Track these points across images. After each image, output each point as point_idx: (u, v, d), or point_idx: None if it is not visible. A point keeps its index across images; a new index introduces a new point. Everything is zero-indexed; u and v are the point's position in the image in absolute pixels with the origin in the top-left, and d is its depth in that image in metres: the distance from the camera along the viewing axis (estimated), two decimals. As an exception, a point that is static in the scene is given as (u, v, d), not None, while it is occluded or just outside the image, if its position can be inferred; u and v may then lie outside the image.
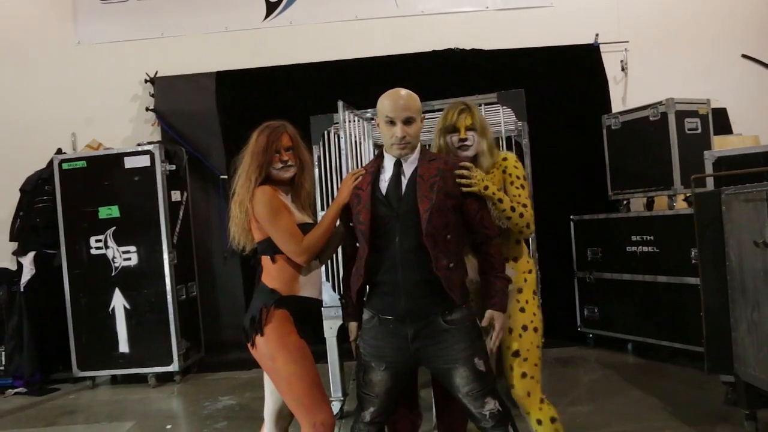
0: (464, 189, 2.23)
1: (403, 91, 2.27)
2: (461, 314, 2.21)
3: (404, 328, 2.18)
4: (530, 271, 2.51)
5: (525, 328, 2.38)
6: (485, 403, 2.15)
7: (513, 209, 2.38)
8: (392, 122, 2.22)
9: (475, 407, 2.17)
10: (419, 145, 2.30)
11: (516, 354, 2.38)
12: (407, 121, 2.21)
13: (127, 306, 4.99)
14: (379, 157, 2.37)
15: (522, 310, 2.42)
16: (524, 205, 2.41)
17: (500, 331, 2.25)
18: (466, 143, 2.46)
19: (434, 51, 5.67)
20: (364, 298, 2.31)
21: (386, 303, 2.21)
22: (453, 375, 2.18)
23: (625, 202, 5.02)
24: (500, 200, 2.35)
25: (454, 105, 2.53)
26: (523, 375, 2.32)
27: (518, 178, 2.46)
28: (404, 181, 2.24)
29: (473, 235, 2.31)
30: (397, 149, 2.24)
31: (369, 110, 4.21)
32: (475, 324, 2.23)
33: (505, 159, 2.51)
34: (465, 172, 2.26)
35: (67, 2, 6.00)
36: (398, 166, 2.26)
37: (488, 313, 2.26)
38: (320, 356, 3.53)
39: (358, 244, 2.31)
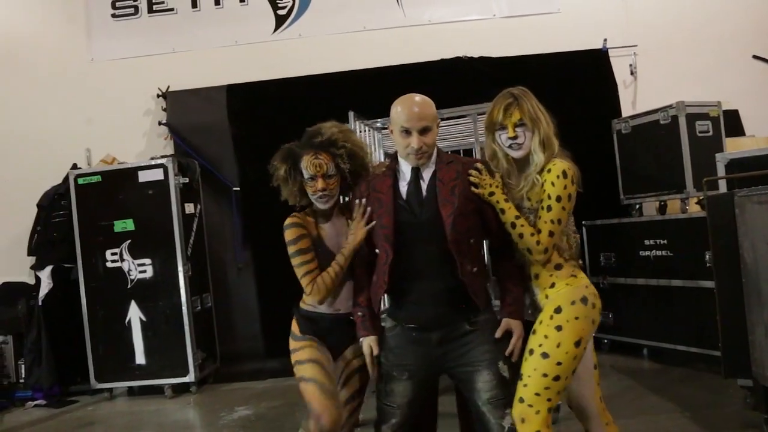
0: (473, 189, 2.16)
1: (418, 98, 2.18)
2: (485, 317, 2.17)
3: (429, 335, 2.14)
4: (552, 285, 2.20)
5: (531, 351, 2.13)
6: (506, 415, 2.08)
7: (513, 225, 2.15)
8: (408, 132, 2.13)
9: (494, 417, 2.08)
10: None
11: (520, 377, 2.17)
12: (423, 131, 2.13)
13: (143, 318, 5.03)
14: (394, 161, 2.28)
15: (533, 331, 2.18)
16: (539, 230, 2.15)
17: (518, 339, 2.16)
18: (516, 141, 2.20)
19: (442, 60, 5.69)
20: (383, 307, 2.28)
21: (411, 312, 2.16)
22: (475, 379, 2.11)
23: (637, 206, 5.00)
24: (502, 211, 2.17)
25: (500, 98, 2.26)
26: (521, 400, 2.11)
27: (549, 197, 2.15)
28: (423, 186, 2.18)
29: (491, 240, 2.24)
30: (413, 159, 2.16)
31: (379, 120, 4.24)
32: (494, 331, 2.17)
33: (549, 170, 2.19)
34: (474, 172, 2.18)
35: (81, 20, 6.11)
36: (416, 171, 2.19)
37: (504, 321, 2.17)
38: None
39: (377, 250, 2.23)
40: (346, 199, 2.57)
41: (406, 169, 2.22)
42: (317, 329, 2.43)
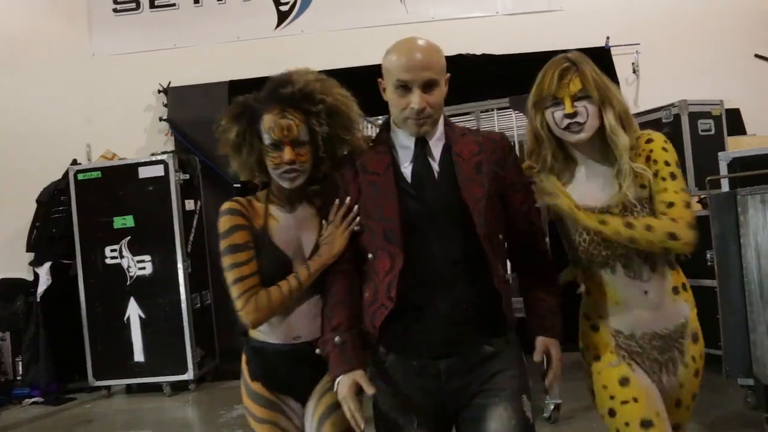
0: (542, 201, 1.61)
1: (422, 41, 1.62)
2: (510, 337, 1.64)
3: (435, 364, 1.56)
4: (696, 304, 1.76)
5: (694, 397, 1.73)
6: None
7: (630, 226, 1.56)
8: (406, 87, 1.57)
9: None
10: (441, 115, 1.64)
11: (677, 427, 1.74)
12: (427, 86, 1.57)
13: (142, 315, 5.01)
14: (385, 130, 1.70)
15: (696, 373, 1.70)
16: (669, 203, 1.57)
17: (558, 364, 1.65)
18: (576, 120, 1.62)
19: (444, 56, 5.66)
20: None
21: (413, 336, 1.56)
22: (488, 415, 1.53)
23: (639, 205, 4.99)
24: (603, 222, 1.59)
25: (552, 64, 1.68)
26: None
27: (667, 164, 1.61)
28: (434, 165, 1.61)
29: (516, 234, 1.67)
30: (413, 125, 1.58)
31: (380, 117, 4.21)
32: (521, 353, 1.67)
33: (649, 140, 1.65)
34: (540, 176, 1.68)
35: (82, 15, 6.09)
36: (422, 143, 1.62)
37: (540, 341, 1.65)
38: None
39: (370, 255, 1.61)
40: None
41: (406, 141, 1.63)
42: (270, 369, 1.79)
